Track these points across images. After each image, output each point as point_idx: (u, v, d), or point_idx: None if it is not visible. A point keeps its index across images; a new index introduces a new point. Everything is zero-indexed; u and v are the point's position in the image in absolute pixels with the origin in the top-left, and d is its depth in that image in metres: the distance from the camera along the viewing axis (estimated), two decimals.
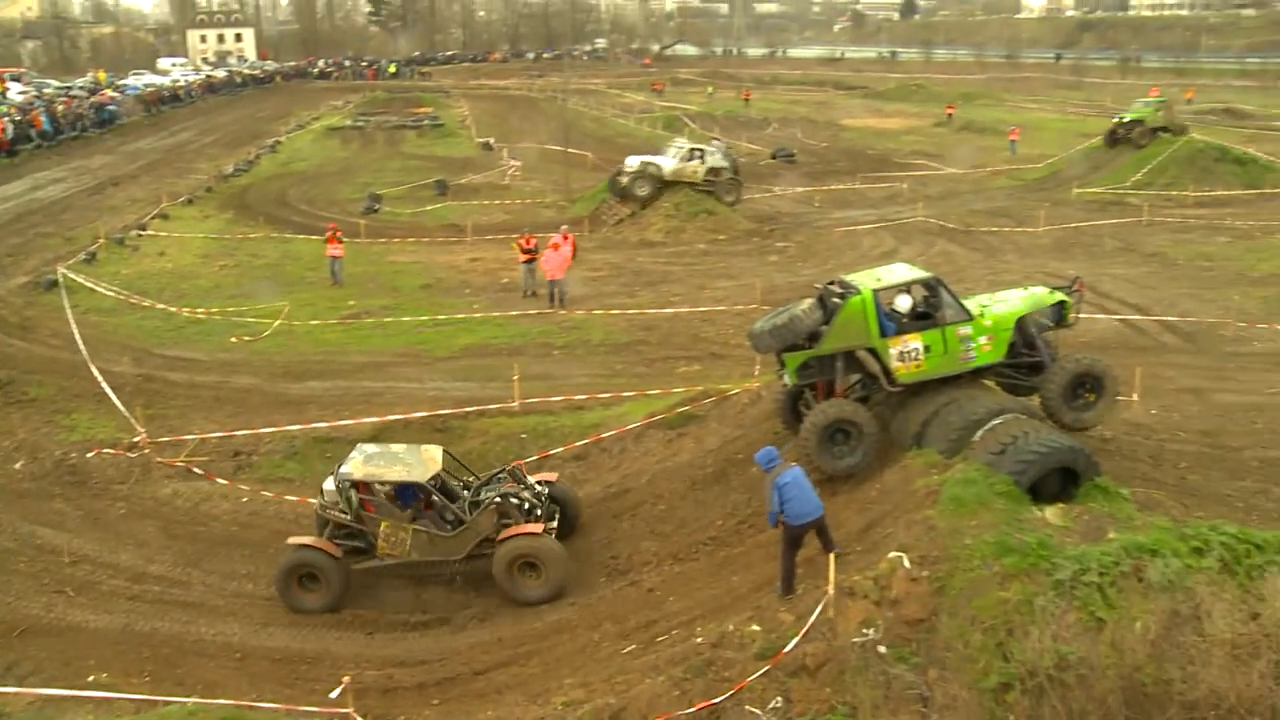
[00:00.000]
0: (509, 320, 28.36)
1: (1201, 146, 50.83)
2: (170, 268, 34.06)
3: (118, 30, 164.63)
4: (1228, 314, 26.32)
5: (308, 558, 15.76)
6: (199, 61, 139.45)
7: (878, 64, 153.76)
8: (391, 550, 15.89)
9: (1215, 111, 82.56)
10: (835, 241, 38.83)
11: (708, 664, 11.64)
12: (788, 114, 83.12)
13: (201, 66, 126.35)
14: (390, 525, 15.84)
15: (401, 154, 63.58)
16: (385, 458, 16.34)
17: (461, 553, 15.94)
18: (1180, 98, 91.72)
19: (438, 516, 16.10)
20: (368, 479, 15.93)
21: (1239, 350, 24.41)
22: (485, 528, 15.90)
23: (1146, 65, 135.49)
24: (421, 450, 16.66)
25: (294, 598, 15.79)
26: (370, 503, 16.02)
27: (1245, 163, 50.05)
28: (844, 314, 15.46)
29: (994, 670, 10.84)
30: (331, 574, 15.72)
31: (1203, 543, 11.58)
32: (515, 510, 16.11)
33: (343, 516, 16.03)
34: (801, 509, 13.11)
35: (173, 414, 22.15)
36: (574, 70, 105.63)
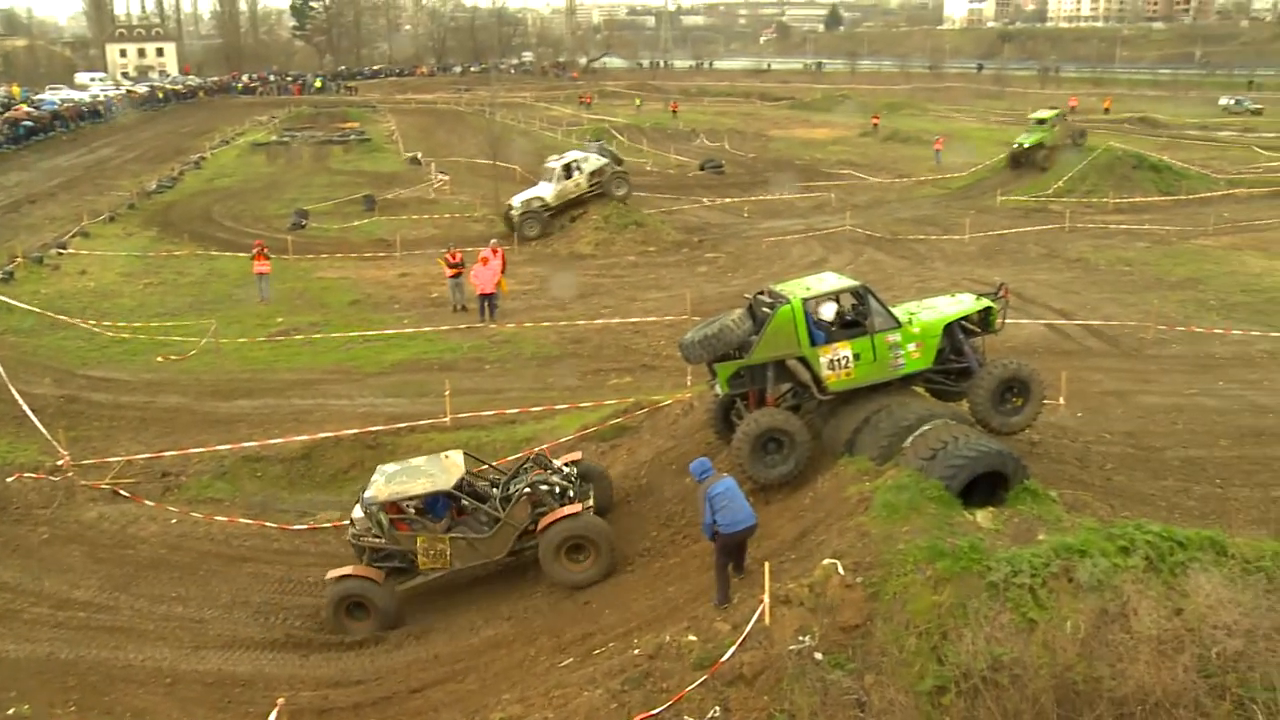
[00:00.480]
0: (439, 335, 28.17)
1: (1120, 154, 52.03)
2: (92, 286, 33.42)
3: (32, 44, 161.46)
4: (1148, 318, 26.87)
5: (351, 588, 15.53)
6: (119, 76, 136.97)
7: (804, 75, 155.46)
8: (433, 563, 15.80)
9: (1131, 120, 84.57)
10: (764, 251, 39.10)
11: (645, 675, 11.60)
12: (715, 125, 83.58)
13: (122, 81, 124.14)
14: (427, 539, 15.72)
15: (328, 169, 62.97)
16: (407, 473, 16.18)
17: (503, 551, 15.88)
18: (1098, 106, 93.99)
19: (472, 520, 16.01)
20: (394, 498, 15.75)
21: (1159, 353, 24.95)
22: (521, 520, 15.84)
23: (1065, 75, 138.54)
24: (442, 458, 16.55)
25: (346, 628, 15.59)
26: (402, 521, 15.89)
27: (1161, 170, 51.36)
28: (774, 323, 15.53)
29: (929, 673, 10.92)
30: (378, 599, 15.54)
31: (1129, 542, 11.79)
32: (548, 496, 16.04)
33: (377, 541, 15.85)
34: (734, 518, 13.15)
35: (97, 435, 21.72)
36: (501, 84, 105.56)
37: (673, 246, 40.00)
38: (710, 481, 13.36)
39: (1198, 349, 25.14)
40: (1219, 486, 17.12)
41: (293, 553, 18.01)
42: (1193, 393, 21.74)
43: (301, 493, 19.68)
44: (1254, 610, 10.84)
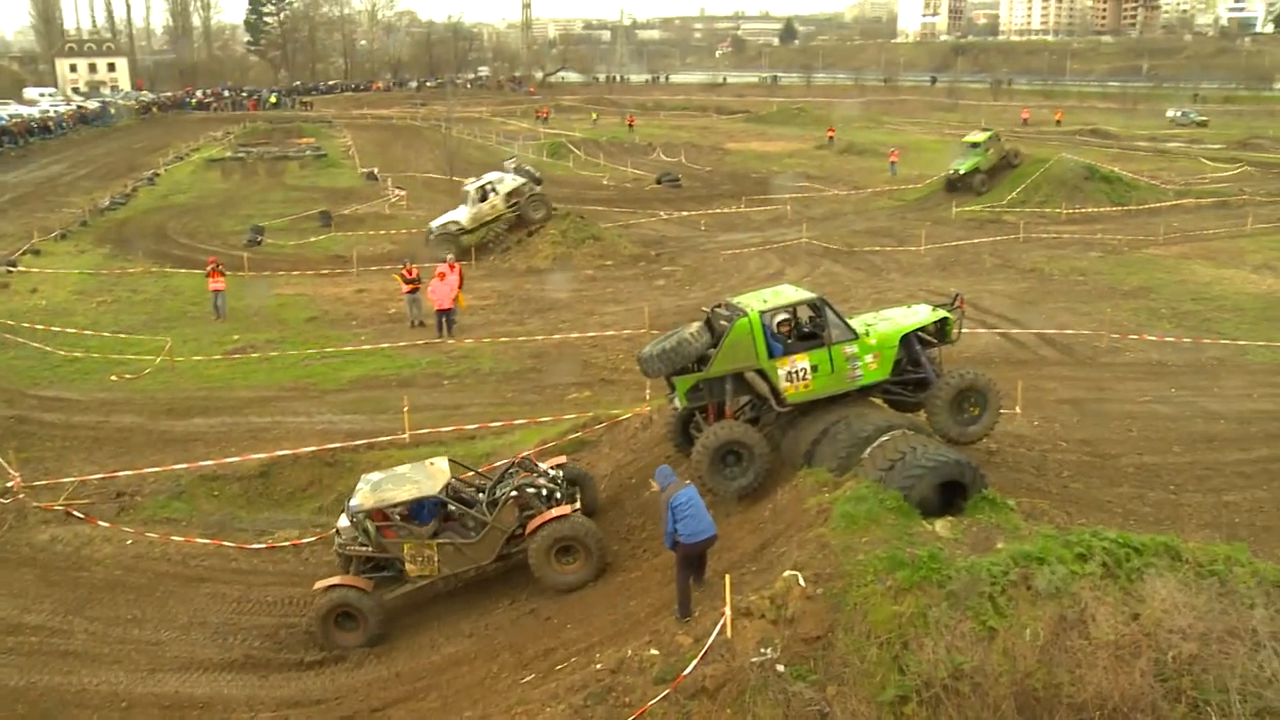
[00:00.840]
0: (397, 351, 28.02)
1: (1072, 165, 52.75)
2: (44, 305, 32.97)
3: None
4: (1101, 326, 27.20)
5: (340, 597, 15.40)
6: (69, 91, 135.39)
7: (759, 88, 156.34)
8: (421, 570, 15.71)
9: (1083, 132, 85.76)
10: (722, 265, 39.20)
11: (608, 690, 11.57)
12: (671, 139, 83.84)
13: (72, 97, 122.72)
14: (414, 546, 15.63)
15: (284, 185, 62.55)
16: (392, 481, 16.11)
17: (491, 555, 15.82)
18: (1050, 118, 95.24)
19: (459, 525, 15.94)
20: (380, 505, 15.64)
21: (1113, 361, 25.26)
22: (509, 523, 15.80)
23: (1017, 88, 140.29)
24: (427, 465, 16.52)
25: (334, 639, 15.46)
26: (388, 529, 15.77)
27: (1112, 181, 52.18)
28: (731, 336, 15.57)
29: (891, 683, 10.97)
30: (367, 609, 15.43)
31: (1086, 549, 11.91)
32: (534, 499, 16.00)
33: (364, 549, 15.77)
34: (696, 528, 13.17)
35: (49, 456, 21.40)
36: (457, 98, 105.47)
37: (630, 260, 40.03)
38: (673, 490, 13.38)
39: (1150, 357, 25.49)
40: (1173, 492, 17.36)
41: (251, 572, 17.81)
42: (1146, 400, 22.02)
43: (259, 511, 19.48)
44: (1208, 613, 10.97)
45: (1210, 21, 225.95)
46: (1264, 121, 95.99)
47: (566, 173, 67.50)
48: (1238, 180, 59.16)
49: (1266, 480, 17.79)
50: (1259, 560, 12.24)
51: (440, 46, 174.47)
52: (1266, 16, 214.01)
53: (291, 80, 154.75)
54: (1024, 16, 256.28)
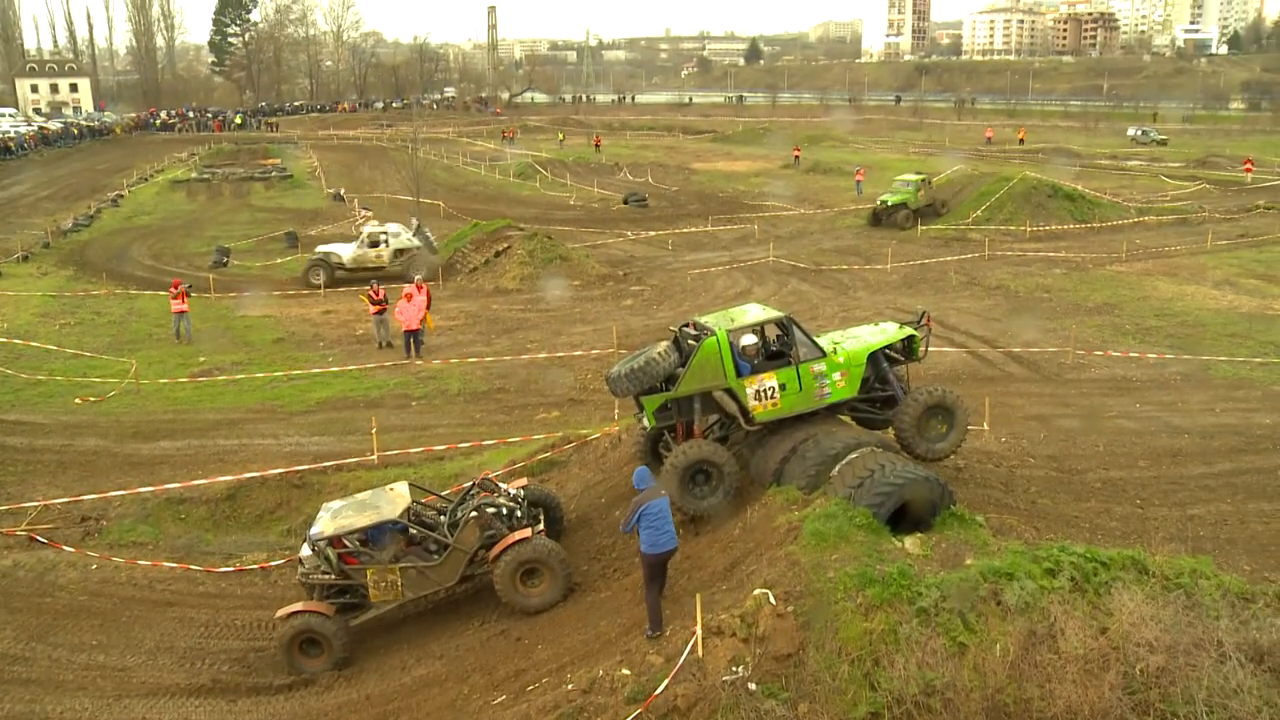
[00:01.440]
0: (365, 372, 27.90)
1: (1035, 183, 53.33)
2: (5, 327, 32.58)
3: None
4: (1067, 343, 27.45)
5: (303, 624, 15.24)
6: (30, 112, 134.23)
7: (725, 108, 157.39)
8: (385, 595, 15.57)
9: (1045, 150, 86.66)
10: (689, 284, 39.30)
11: (579, 710, 11.53)
12: (638, 159, 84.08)
13: (33, 118, 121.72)
14: (376, 571, 15.49)
15: (250, 206, 62.33)
16: (353, 507, 16.01)
17: (454, 577, 15.69)
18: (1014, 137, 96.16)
19: (421, 549, 15.82)
20: (340, 532, 15.51)
21: (1079, 377, 25.48)
22: (471, 544, 15.68)
23: (980, 107, 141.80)
24: (387, 490, 16.41)
25: (299, 665, 15.31)
26: (350, 555, 15.65)
27: (1075, 199, 52.81)
28: (699, 356, 15.60)
29: (863, 700, 10.98)
30: (331, 634, 15.28)
31: (1054, 563, 11.98)
32: (495, 519, 15.89)
33: (326, 577, 15.62)
34: (658, 539, 13.29)
35: (11, 480, 21.11)
36: (423, 119, 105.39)
37: (598, 280, 40.05)
38: (648, 496, 13.50)
39: (1115, 372, 25.72)
40: (1139, 506, 17.50)
41: (219, 596, 17.61)
42: (1112, 415, 22.21)
43: (227, 534, 19.28)
44: (1174, 626, 11.05)
45: (1167, 43, 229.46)
46: (1221, 140, 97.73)
47: (533, 193, 67.62)
48: (1197, 198, 60.12)
49: (1230, 494, 17.97)
50: (1224, 573, 12.38)
51: (406, 67, 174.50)
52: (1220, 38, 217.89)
53: (257, 101, 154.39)
54: (986, 37, 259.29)
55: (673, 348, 16.31)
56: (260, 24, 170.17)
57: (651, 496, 13.41)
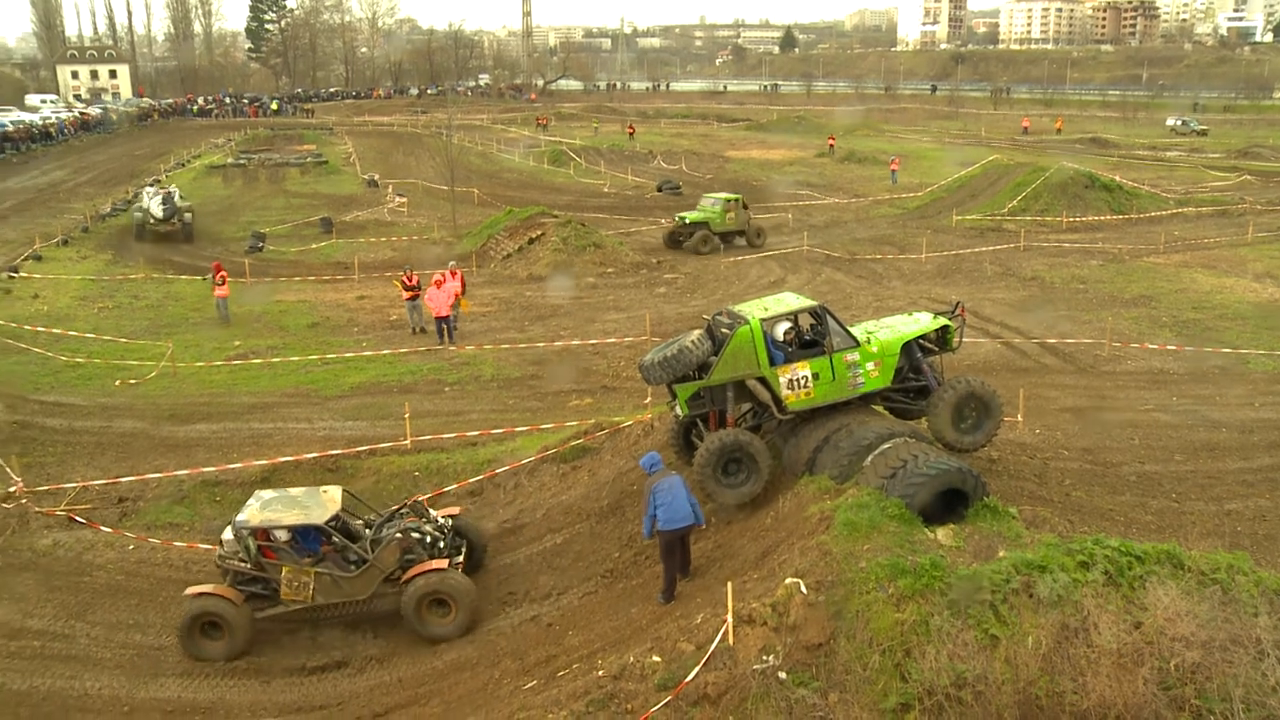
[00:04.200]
0: (398, 358, 28.03)
1: (1071, 174, 52.78)
2: (46, 310, 32.96)
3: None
4: (1103, 335, 27.23)
5: (208, 606, 15.27)
6: (70, 98, 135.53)
7: (760, 96, 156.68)
8: (295, 595, 15.52)
9: (1083, 140, 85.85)
10: (723, 272, 39.23)
11: (610, 697, 11.56)
12: (672, 147, 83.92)
13: (74, 104, 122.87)
14: (292, 570, 15.46)
15: (285, 192, 62.61)
16: (283, 502, 15.97)
17: (366, 592, 15.63)
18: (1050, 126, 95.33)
19: (340, 558, 15.74)
20: (265, 525, 15.53)
21: (1115, 369, 25.28)
22: (389, 564, 15.64)
23: (1017, 96, 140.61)
24: (320, 492, 16.35)
25: (197, 648, 15.31)
26: (270, 549, 15.65)
27: (1112, 189, 52.21)
28: (733, 344, 15.59)
29: (893, 691, 10.96)
30: (234, 621, 15.28)
31: (1088, 557, 11.90)
32: (418, 545, 15.86)
33: (242, 565, 15.62)
34: (671, 515, 13.66)
35: (51, 461, 21.38)
36: (458, 106, 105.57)
37: (631, 268, 40.04)
38: (657, 477, 13.95)
39: (1151, 365, 25.50)
40: (1175, 500, 17.37)
41: None
42: (1148, 408, 22.04)
43: None
44: (1210, 622, 10.96)
45: (1209, 30, 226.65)
46: (1264, 130, 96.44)
47: (568, 180, 67.61)
48: (1238, 189, 59.36)
49: (1269, 489, 17.81)
50: (1262, 569, 12.25)
51: (441, 54, 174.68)
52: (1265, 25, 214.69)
53: (292, 87, 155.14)
54: (1024, 25, 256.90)
55: (706, 336, 16.30)
56: (296, 11, 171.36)
57: (660, 477, 13.78)
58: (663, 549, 14.29)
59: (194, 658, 15.27)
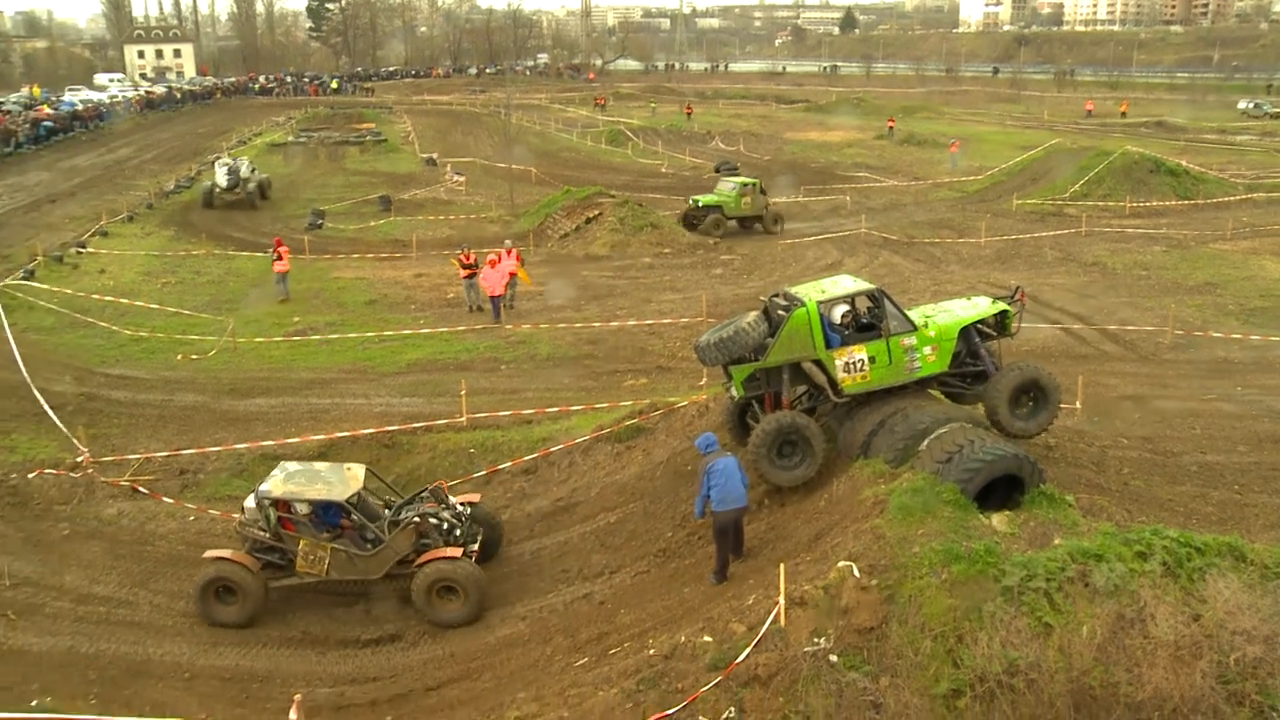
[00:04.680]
0: (455, 335, 28.23)
1: (1137, 158, 51.85)
2: (111, 285, 33.56)
3: (52, 45, 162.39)
4: (1165, 322, 26.78)
5: (224, 571, 15.62)
6: (137, 77, 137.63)
7: (819, 78, 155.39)
8: (310, 568, 15.79)
9: (1148, 124, 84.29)
10: (780, 254, 39.06)
11: (660, 676, 11.61)
12: (730, 128, 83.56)
13: (140, 82, 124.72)
14: (309, 543, 15.73)
15: (344, 170, 63.18)
16: (306, 476, 16.21)
17: (379, 572, 15.86)
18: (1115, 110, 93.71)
19: (357, 535, 15.97)
20: (287, 497, 15.80)
21: (1177, 358, 24.87)
22: (403, 548, 15.83)
23: (1081, 79, 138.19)
24: (344, 469, 16.55)
25: (211, 611, 15.68)
26: (289, 521, 15.93)
27: (1178, 174, 51.16)
28: (789, 326, 15.54)
29: (945, 677, 10.92)
30: (248, 588, 15.60)
31: (1146, 547, 11.76)
32: (434, 531, 16.01)
33: (262, 534, 15.92)
34: (725, 495, 13.78)
35: (116, 433, 21.81)
36: (516, 85, 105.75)
37: (688, 248, 40.02)
38: (712, 458, 14.02)
39: (1215, 354, 25.07)
40: (1237, 492, 17.08)
41: None
42: (1211, 398, 21.67)
43: None
44: (1273, 616, 10.80)
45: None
46: None
47: (625, 160, 67.58)
48: None
49: None
50: None
51: (500, 33, 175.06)
52: None
53: (352, 66, 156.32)
54: (1089, 6, 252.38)
55: (762, 318, 16.26)
56: None
57: (716, 458, 13.90)
58: (716, 530, 14.39)
59: (206, 620, 15.65)
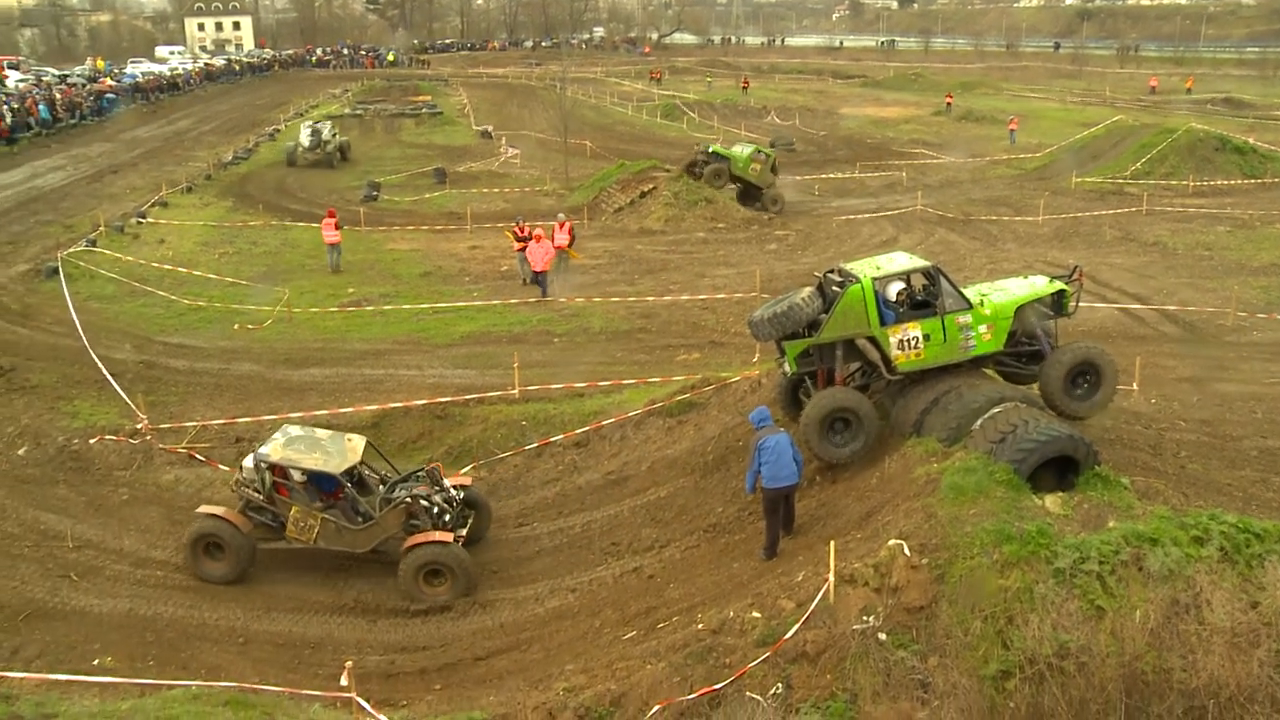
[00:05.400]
0: (508, 308, 28.35)
1: (1201, 136, 50.75)
2: (170, 255, 34.00)
3: (116, 18, 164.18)
4: (1227, 304, 26.30)
5: (214, 528, 15.94)
6: (197, 50, 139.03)
7: (876, 53, 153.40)
8: (299, 535, 16.08)
9: (1215, 101, 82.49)
10: (835, 230, 38.80)
11: (708, 650, 11.66)
12: (786, 103, 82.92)
13: (199, 55, 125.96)
14: (300, 510, 16.01)
15: (400, 142, 63.54)
16: (306, 443, 16.43)
17: (366, 547, 16.08)
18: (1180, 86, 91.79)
19: (348, 508, 16.19)
20: (283, 463, 16.05)
21: (1238, 340, 24.43)
22: (392, 526, 16.02)
23: (1145, 54, 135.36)
24: (345, 439, 16.75)
25: (199, 565, 16.05)
26: (284, 486, 16.19)
27: (1245, 152, 50.01)
28: (843, 302, 15.46)
29: (994, 658, 10.87)
30: (236, 547, 15.92)
31: (1203, 532, 11.61)
32: (424, 513, 16.14)
33: (256, 495, 16.24)
34: (775, 473, 13.75)
35: (174, 401, 22.16)
36: (572, 58, 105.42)
37: (742, 223, 39.84)
38: (765, 433, 13.97)
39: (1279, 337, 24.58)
40: None
41: None
42: (1273, 381, 21.25)
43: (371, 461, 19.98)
44: None
45: None
46: None
47: (680, 134, 67.29)
48: None
49: None
50: None
51: (555, 6, 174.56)
52: None
53: (409, 39, 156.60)
54: None
55: (817, 293, 16.18)
56: None
57: (768, 433, 13.82)
58: (766, 506, 14.40)
59: (194, 574, 16.03)
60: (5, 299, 28.09)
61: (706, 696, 11.05)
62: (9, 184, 44.04)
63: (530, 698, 11.91)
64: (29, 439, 20.22)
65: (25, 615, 14.88)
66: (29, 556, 16.42)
